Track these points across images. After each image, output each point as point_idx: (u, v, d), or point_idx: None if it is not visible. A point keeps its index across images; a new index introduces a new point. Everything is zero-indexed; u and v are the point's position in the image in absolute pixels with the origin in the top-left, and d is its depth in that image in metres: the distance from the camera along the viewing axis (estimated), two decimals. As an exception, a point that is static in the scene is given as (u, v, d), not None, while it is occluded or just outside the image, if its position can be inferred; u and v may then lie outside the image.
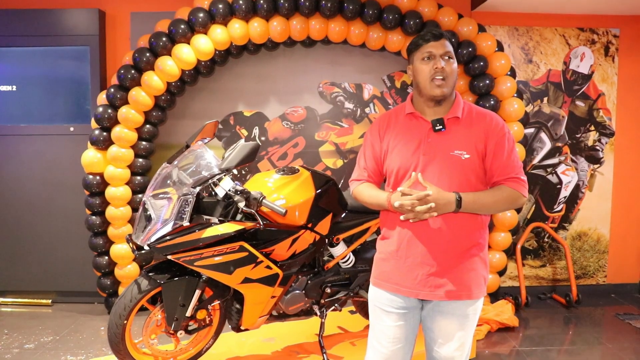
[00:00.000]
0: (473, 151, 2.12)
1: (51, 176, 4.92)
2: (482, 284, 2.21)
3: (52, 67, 4.91)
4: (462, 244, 2.16)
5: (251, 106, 5.00)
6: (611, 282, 5.40)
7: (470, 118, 2.18)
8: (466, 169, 2.12)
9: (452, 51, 2.15)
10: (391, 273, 2.24)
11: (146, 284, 2.97)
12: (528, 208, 5.21)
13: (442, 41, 2.14)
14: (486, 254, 2.24)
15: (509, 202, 2.14)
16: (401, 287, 2.21)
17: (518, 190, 2.13)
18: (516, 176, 2.14)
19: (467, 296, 2.17)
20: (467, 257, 2.17)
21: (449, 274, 2.15)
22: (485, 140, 2.13)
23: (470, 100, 4.74)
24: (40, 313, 4.80)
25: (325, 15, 4.44)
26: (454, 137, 2.15)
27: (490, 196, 2.12)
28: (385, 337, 2.26)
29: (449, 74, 2.12)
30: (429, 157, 2.13)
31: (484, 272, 2.22)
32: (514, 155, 2.16)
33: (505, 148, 2.14)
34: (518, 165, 2.17)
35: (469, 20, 4.59)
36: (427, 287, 2.16)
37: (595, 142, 5.23)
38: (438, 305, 2.20)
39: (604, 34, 5.15)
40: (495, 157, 2.13)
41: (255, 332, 3.65)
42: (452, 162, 2.12)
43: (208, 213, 2.97)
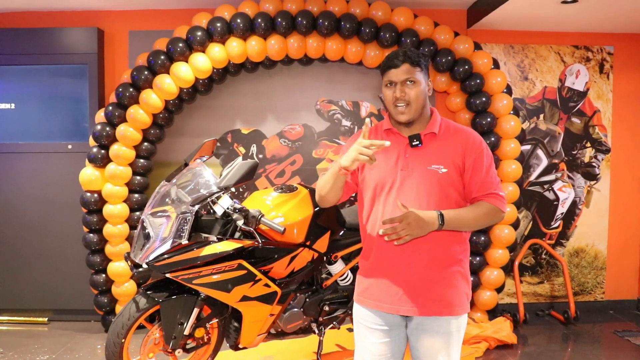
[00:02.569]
0: (450, 165, 2.12)
1: (49, 193, 4.91)
2: (465, 300, 2.20)
3: (51, 85, 4.94)
4: (441, 260, 2.15)
5: (249, 124, 5.02)
6: (609, 298, 5.39)
7: (448, 134, 2.19)
8: (444, 183, 2.12)
9: (415, 74, 2.12)
10: (372, 290, 2.23)
11: (144, 302, 2.96)
12: (525, 225, 5.22)
13: (403, 67, 2.12)
14: (467, 270, 2.23)
15: (489, 218, 2.16)
16: (383, 304, 2.20)
17: (497, 206, 2.15)
18: (495, 192, 2.15)
19: (449, 312, 2.15)
20: (447, 273, 2.16)
21: (429, 291, 2.14)
22: (463, 156, 2.14)
23: (467, 118, 4.77)
24: (36, 331, 4.77)
25: (323, 33, 4.48)
26: (431, 152, 2.15)
27: (471, 212, 2.12)
28: (370, 355, 2.25)
29: (412, 99, 2.12)
30: (406, 172, 2.14)
31: (465, 288, 2.21)
32: (492, 171, 2.18)
33: (483, 164, 2.15)
34: (496, 181, 2.18)
35: (465, 38, 4.63)
36: (408, 304, 2.16)
37: (591, 159, 5.26)
38: (421, 323, 2.18)
39: (599, 51, 5.20)
40: (474, 173, 2.14)
41: (254, 350, 3.63)
42: (430, 176, 2.12)
43: (206, 231, 2.97)
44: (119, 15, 4.93)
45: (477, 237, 4.70)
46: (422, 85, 2.15)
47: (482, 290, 4.79)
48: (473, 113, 4.70)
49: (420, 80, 2.14)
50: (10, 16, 4.91)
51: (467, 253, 2.25)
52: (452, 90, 4.78)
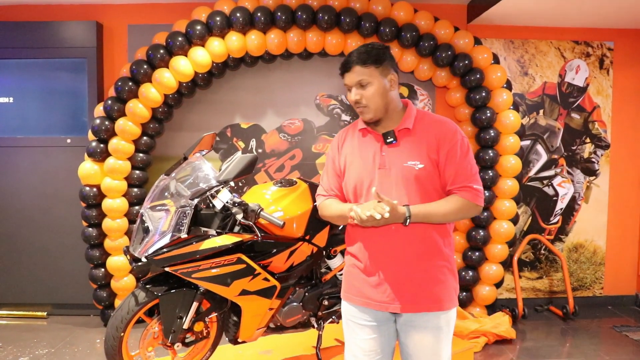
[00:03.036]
0: (426, 160, 2.09)
1: (48, 188, 4.91)
2: (453, 294, 2.18)
3: (50, 79, 4.92)
4: (428, 255, 2.13)
5: (248, 118, 5.02)
6: (608, 294, 5.40)
7: (422, 127, 2.15)
8: (421, 179, 2.09)
9: (366, 76, 2.09)
10: (360, 287, 2.22)
11: (143, 296, 2.95)
12: (524, 220, 5.22)
13: (354, 69, 2.10)
14: (453, 264, 2.21)
15: (462, 212, 2.10)
16: (370, 301, 2.19)
17: (470, 200, 2.10)
18: (469, 185, 2.09)
19: (438, 308, 2.13)
20: (434, 268, 2.14)
21: (417, 287, 2.13)
22: (438, 148, 2.10)
23: (467, 113, 4.76)
24: (36, 325, 4.77)
25: (322, 28, 4.46)
26: (407, 148, 2.13)
27: (441, 207, 2.08)
28: (361, 351, 2.24)
29: (368, 100, 2.11)
30: (384, 171, 2.13)
31: (453, 282, 2.19)
32: (467, 162, 2.11)
33: (457, 155, 2.09)
34: (471, 173, 2.11)
35: (465, 33, 4.62)
36: (395, 301, 2.14)
37: (590, 154, 5.26)
38: (410, 319, 2.17)
39: (599, 47, 5.19)
40: (447, 165, 2.09)
41: (253, 345, 3.63)
42: (407, 173, 2.10)
43: (206, 225, 2.96)
44: (118, 9, 4.91)
45: (476, 232, 4.70)
46: (376, 84, 2.11)
47: (481, 285, 4.79)
48: (473, 108, 4.69)
49: (373, 80, 2.10)
50: (9, 9, 4.89)
51: (452, 247, 2.22)
52: (452, 85, 4.77)
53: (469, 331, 4.31)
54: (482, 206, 2.15)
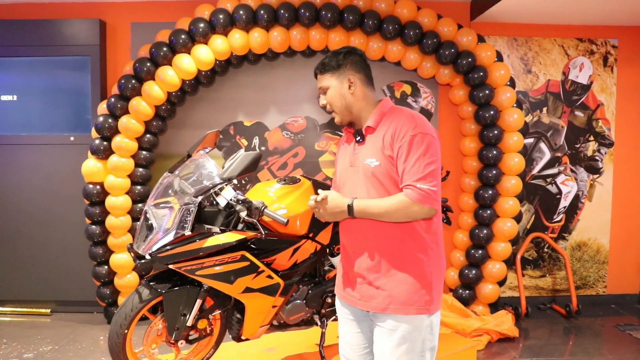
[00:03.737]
0: (381, 157, 2.10)
1: (51, 185, 4.92)
2: (421, 301, 2.09)
3: (53, 77, 4.93)
4: (396, 257, 2.11)
5: (251, 116, 5.01)
6: (611, 292, 5.39)
7: (385, 124, 2.14)
8: (378, 176, 2.10)
9: (324, 81, 2.21)
10: (340, 282, 2.33)
11: (147, 294, 2.96)
12: (528, 218, 5.22)
13: (319, 77, 2.24)
14: (429, 271, 2.11)
15: (402, 212, 2.02)
16: (345, 295, 2.28)
17: (414, 200, 1.99)
18: (412, 184, 2.00)
19: (397, 310, 2.09)
20: (399, 270, 2.10)
21: (380, 286, 2.13)
22: (392, 145, 2.08)
23: (470, 111, 4.76)
24: (39, 322, 4.79)
25: (326, 25, 4.46)
26: (368, 146, 2.17)
27: (382, 205, 2.05)
28: (348, 345, 2.32)
29: (332, 104, 2.22)
30: (354, 168, 2.20)
31: (423, 288, 2.09)
32: (416, 160, 2.01)
33: (406, 152, 2.03)
34: (419, 171, 2.01)
35: (468, 31, 4.61)
36: (361, 299, 2.18)
37: (594, 152, 5.24)
38: (376, 318, 2.17)
39: (603, 44, 5.18)
40: (398, 161, 2.06)
41: (256, 342, 3.63)
42: (366, 170, 2.14)
43: (209, 222, 2.97)
44: (121, 7, 4.91)
45: (479, 230, 4.70)
46: (332, 88, 2.21)
47: (484, 283, 4.79)
48: (476, 106, 4.68)
49: (329, 85, 2.21)
50: (13, 7, 4.90)
51: (430, 254, 2.12)
52: (455, 82, 4.76)
53: (471, 329, 4.31)
54: (430, 207, 2.02)
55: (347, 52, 2.22)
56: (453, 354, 3.63)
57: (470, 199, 4.84)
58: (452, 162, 5.02)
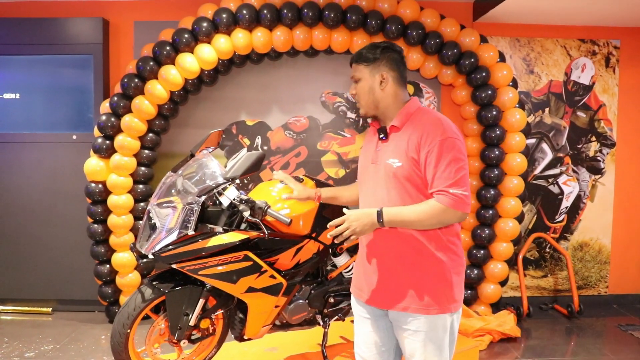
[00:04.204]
0: (404, 159, 2.07)
1: (53, 184, 4.92)
2: (442, 300, 2.10)
3: (56, 75, 4.92)
4: (413, 258, 2.11)
5: (254, 115, 5.01)
6: (613, 292, 5.40)
7: (412, 126, 2.12)
8: (399, 177, 2.09)
9: (358, 72, 2.21)
10: (358, 280, 2.30)
11: (150, 293, 2.96)
12: (530, 218, 5.22)
13: (354, 66, 2.23)
14: (449, 271, 2.12)
15: (437, 218, 2.02)
16: (362, 294, 2.26)
17: (445, 205, 1.99)
18: (444, 189, 2.00)
19: (419, 310, 2.09)
20: (419, 271, 2.11)
21: (399, 286, 2.12)
22: (419, 148, 2.06)
23: (473, 111, 4.76)
24: (41, 321, 4.79)
25: (329, 25, 4.46)
26: (392, 146, 2.16)
27: (414, 211, 2.03)
28: (364, 344, 2.30)
29: (358, 96, 2.22)
30: (375, 166, 2.19)
31: (444, 288, 2.11)
32: (447, 167, 2.00)
33: (436, 158, 2.02)
34: (450, 177, 2.00)
35: (471, 31, 4.61)
36: (379, 297, 2.18)
37: (596, 153, 5.24)
38: (396, 318, 2.17)
39: (605, 45, 5.18)
40: (427, 167, 2.04)
41: (258, 342, 3.63)
42: (388, 170, 2.12)
43: (212, 222, 2.97)
44: (124, 6, 4.92)
45: (481, 230, 4.70)
46: (364, 81, 2.19)
47: (486, 283, 4.79)
48: (479, 106, 4.68)
49: (362, 76, 2.20)
50: (16, 6, 4.90)
51: (450, 254, 2.13)
52: (458, 83, 4.76)
53: (473, 329, 4.31)
54: (463, 212, 2.03)
55: (385, 47, 2.20)
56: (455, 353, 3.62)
57: (472, 199, 4.84)
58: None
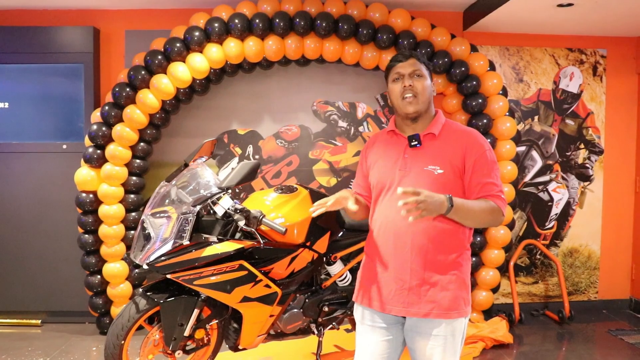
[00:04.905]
0: (447, 166, 2.12)
1: (43, 194, 4.87)
2: (461, 304, 2.16)
3: (46, 85, 4.90)
4: (439, 262, 2.14)
5: (245, 124, 5.01)
6: (602, 298, 5.44)
7: (449, 135, 2.19)
8: (439, 184, 2.11)
9: (422, 69, 2.21)
10: (371, 289, 2.26)
11: (144, 304, 2.94)
12: (520, 225, 5.25)
13: (410, 61, 2.21)
14: (466, 275, 2.21)
15: (492, 217, 2.11)
16: (377, 303, 2.22)
17: (500, 207, 2.12)
18: (498, 194, 2.13)
19: (442, 315, 2.13)
20: (442, 276, 2.15)
21: (422, 293, 2.14)
22: (464, 157, 2.13)
23: (463, 120, 4.79)
24: (30, 334, 4.72)
25: (320, 34, 4.48)
26: (429, 153, 2.17)
27: (478, 204, 2.09)
28: (371, 355, 2.26)
29: (419, 91, 2.17)
30: (404, 173, 2.16)
31: (462, 292, 2.18)
32: (494, 174, 2.15)
33: (485, 166, 2.13)
34: (499, 183, 2.16)
35: (461, 40, 4.65)
36: (399, 304, 2.16)
37: (585, 160, 5.30)
38: (416, 325, 2.18)
39: (592, 54, 5.25)
40: (474, 174, 2.12)
41: (252, 352, 3.62)
42: (426, 176, 2.13)
43: (207, 232, 2.96)
44: (115, 15, 4.90)
45: (473, 237, 4.71)
46: (428, 80, 2.22)
47: (478, 290, 4.81)
48: (469, 114, 4.72)
49: (426, 75, 2.22)
50: (5, 14, 4.87)
51: (466, 258, 2.21)
52: (449, 91, 4.80)
53: (467, 336, 4.32)
54: (504, 217, 2.17)
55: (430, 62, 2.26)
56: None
57: (464, 206, 4.86)
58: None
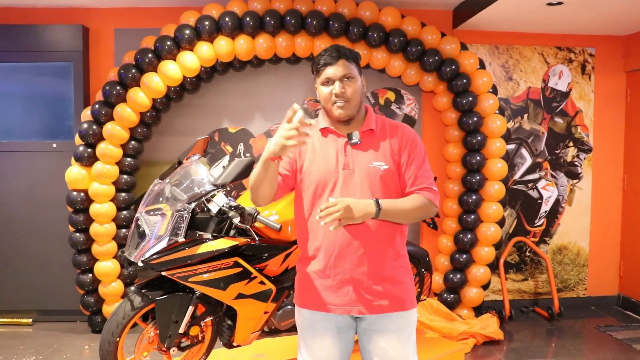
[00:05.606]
0: (390, 162, 2.14)
1: (33, 193, 4.84)
2: (413, 294, 2.21)
3: (35, 83, 4.88)
4: (387, 257, 2.15)
5: (236, 122, 5.01)
6: (591, 294, 5.50)
7: (384, 130, 2.19)
8: (386, 180, 2.12)
9: (352, 70, 2.10)
10: (319, 292, 2.16)
11: (139, 301, 2.94)
12: (510, 223, 5.30)
13: (340, 62, 2.08)
14: (409, 265, 2.25)
15: (423, 211, 2.14)
16: (332, 306, 2.14)
17: (432, 200, 2.14)
18: (429, 186, 2.15)
19: (400, 308, 2.15)
20: (393, 269, 2.16)
21: (380, 288, 2.13)
22: (400, 151, 2.16)
23: (454, 118, 4.83)
24: (21, 332, 4.70)
25: (311, 33, 4.49)
26: (371, 149, 2.15)
27: (407, 203, 2.10)
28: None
29: (350, 96, 2.09)
30: (348, 171, 2.12)
31: (411, 282, 2.22)
32: (425, 165, 2.18)
33: (418, 158, 2.16)
34: (430, 175, 2.18)
35: (451, 39, 4.68)
36: (358, 304, 2.12)
37: (574, 158, 5.36)
38: (373, 323, 2.15)
39: (581, 52, 5.30)
40: (409, 167, 2.15)
41: (246, 349, 3.61)
42: (372, 173, 2.11)
43: (201, 229, 2.97)
44: (105, 13, 4.88)
45: (463, 235, 4.76)
46: (358, 81, 2.13)
47: (469, 287, 4.84)
48: (459, 112, 4.75)
49: (357, 77, 2.12)
50: (-7, 13, 4.83)
51: (405, 247, 2.24)
52: (439, 90, 4.83)
53: (458, 332, 4.36)
54: (437, 207, 2.19)
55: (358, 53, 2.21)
56: (442, 356, 3.67)
57: (455, 204, 4.90)
58: (436, 168, 5.06)
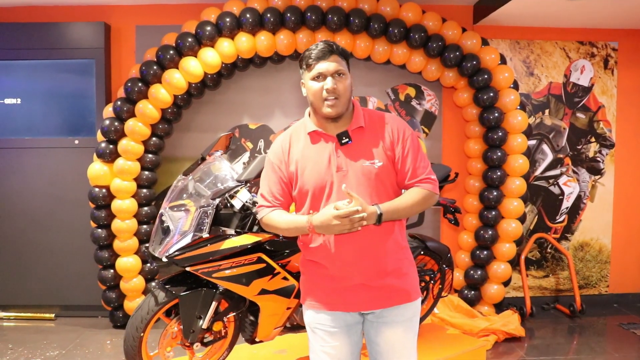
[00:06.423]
0: (384, 158, 2.10)
1: (55, 189, 4.90)
2: (417, 285, 2.23)
3: (57, 80, 4.92)
4: (389, 250, 2.14)
5: (256, 119, 5.03)
6: (613, 292, 5.44)
7: (373, 125, 2.14)
8: (382, 177, 2.09)
9: (343, 67, 2.07)
10: (329, 293, 2.16)
11: (163, 296, 2.96)
12: (531, 219, 5.26)
13: (332, 58, 2.04)
14: (411, 256, 2.25)
15: (426, 203, 2.15)
16: (341, 305, 2.15)
17: (431, 190, 2.13)
18: (427, 177, 2.14)
19: (407, 299, 2.17)
20: (397, 262, 2.16)
21: (386, 282, 2.13)
22: (392, 145, 2.11)
23: (475, 113, 4.80)
24: (44, 327, 4.76)
25: (332, 29, 4.48)
26: (363, 148, 2.10)
27: (407, 200, 2.09)
28: (330, 359, 2.19)
29: (341, 93, 2.05)
30: (342, 172, 2.08)
31: (414, 273, 2.23)
32: (421, 155, 2.15)
33: (412, 149, 2.13)
34: (426, 164, 2.16)
35: (472, 34, 4.65)
36: (368, 299, 2.13)
37: (595, 154, 5.30)
38: (381, 315, 2.16)
39: (603, 47, 5.24)
40: (405, 160, 2.12)
41: (267, 344, 3.63)
42: (366, 172, 2.08)
43: (224, 225, 2.97)
44: (126, 10, 4.91)
45: (484, 231, 4.73)
46: (349, 79, 2.10)
47: (490, 283, 4.82)
48: (480, 108, 4.72)
49: (347, 74, 2.09)
50: (17, 11, 4.88)
51: (405, 238, 2.24)
52: (460, 85, 4.80)
53: (479, 329, 4.34)
54: (438, 195, 2.19)
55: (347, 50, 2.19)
56: (463, 353, 3.65)
57: (475, 200, 4.87)
58: (456, 164, 5.03)
